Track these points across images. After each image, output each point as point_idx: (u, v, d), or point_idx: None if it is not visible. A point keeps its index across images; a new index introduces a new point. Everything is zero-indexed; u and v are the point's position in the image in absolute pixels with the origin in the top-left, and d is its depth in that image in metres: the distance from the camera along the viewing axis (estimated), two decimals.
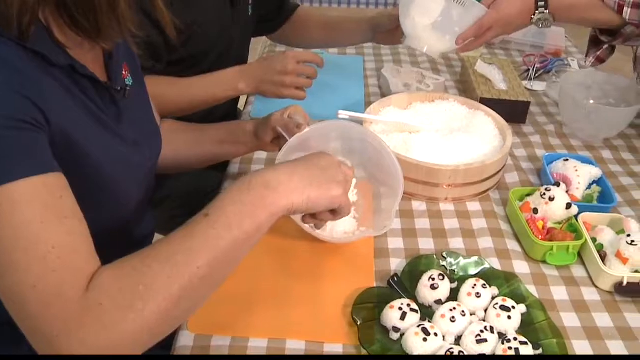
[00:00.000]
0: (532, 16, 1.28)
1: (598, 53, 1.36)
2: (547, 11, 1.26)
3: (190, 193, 1.50)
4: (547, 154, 1.31)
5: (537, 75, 1.77)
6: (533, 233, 1.08)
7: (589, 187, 1.24)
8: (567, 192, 1.19)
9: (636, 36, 1.23)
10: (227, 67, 1.33)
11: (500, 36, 1.36)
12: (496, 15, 1.29)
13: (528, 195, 1.19)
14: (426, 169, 1.17)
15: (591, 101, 1.49)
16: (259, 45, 2.06)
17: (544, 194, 1.14)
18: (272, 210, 0.77)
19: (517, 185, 1.28)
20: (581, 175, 1.23)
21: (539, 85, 1.72)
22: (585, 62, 1.40)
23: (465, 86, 1.62)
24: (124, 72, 0.94)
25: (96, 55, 0.88)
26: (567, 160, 1.27)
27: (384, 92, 1.59)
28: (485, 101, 1.45)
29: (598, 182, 1.25)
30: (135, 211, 0.99)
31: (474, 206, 1.22)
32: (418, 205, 1.21)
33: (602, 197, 1.23)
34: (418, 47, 1.37)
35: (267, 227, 0.77)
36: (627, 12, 1.19)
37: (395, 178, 1.03)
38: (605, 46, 1.34)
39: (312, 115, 1.13)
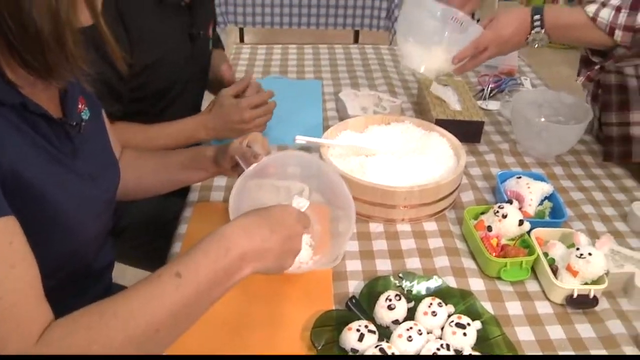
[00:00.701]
0: (528, 36, 1.32)
1: (588, 72, 1.40)
2: (543, 31, 1.30)
3: (151, 221, 1.50)
4: (500, 172, 1.34)
5: (491, 94, 1.82)
6: (487, 250, 1.11)
7: (541, 203, 1.28)
8: (520, 208, 1.22)
9: (627, 57, 1.27)
10: (188, 100, 1.36)
11: (497, 56, 1.40)
12: (492, 35, 1.33)
13: (482, 213, 1.21)
14: (382, 191, 1.20)
15: (542, 119, 1.53)
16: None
17: (497, 211, 1.17)
18: (241, 278, 0.78)
19: (473, 204, 1.31)
20: (533, 192, 1.27)
21: (493, 105, 1.76)
22: (576, 80, 1.45)
23: (422, 107, 1.65)
24: (80, 106, 0.94)
25: (51, 91, 0.89)
26: (520, 177, 1.31)
27: (342, 115, 1.62)
28: (440, 122, 1.48)
29: (550, 197, 1.29)
30: (93, 243, 0.99)
31: (430, 226, 1.24)
32: (375, 227, 1.23)
33: (553, 213, 1.27)
34: (415, 67, 1.41)
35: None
36: (618, 34, 1.23)
37: (349, 208, 1.05)
38: (595, 67, 1.38)
39: (271, 140, 1.15)
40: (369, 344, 0.92)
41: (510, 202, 1.20)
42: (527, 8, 1.32)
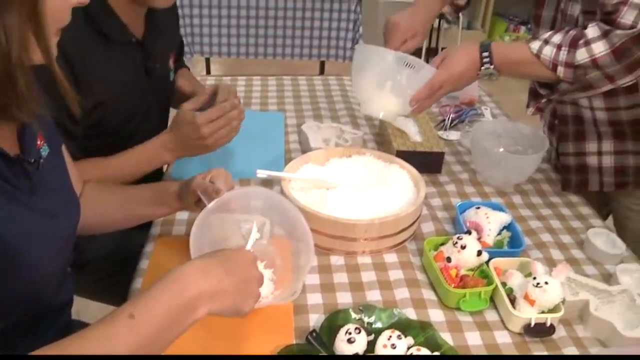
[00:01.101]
0: (479, 71, 1.36)
1: (537, 104, 1.45)
2: (492, 67, 1.34)
3: (113, 255, 1.49)
4: (460, 203, 1.36)
5: (452, 125, 1.85)
6: (446, 281, 1.13)
7: (500, 232, 1.30)
8: (479, 238, 1.24)
9: (571, 91, 1.32)
10: (151, 128, 1.35)
11: (452, 92, 1.44)
12: (446, 74, 1.37)
13: (442, 244, 1.23)
14: (342, 224, 1.21)
15: (501, 149, 1.57)
16: None
17: (456, 242, 1.18)
18: (196, 319, 0.78)
19: (433, 235, 1.33)
20: (492, 222, 1.29)
21: (453, 135, 1.79)
22: (527, 112, 1.50)
23: (383, 139, 1.67)
24: (38, 142, 0.94)
25: (9, 128, 0.88)
26: (479, 208, 1.33)
27: (304, 147, 1.64)
28: (401, 153, 1.50)
29: (508, 227, 1.31)
30: (52, 281, 0.98)
31: (391, 257, 1.25)
32: (336, 260, 1.24)
33: (512, 242, 1.29)
34: (373, 113, 1.45)
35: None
36: (560, 70, 1.27)
37: (308, 241, 1.06)
38: (543, 99, 1.43)
39: (234, 174, 1.16)
40: None
41: (469, 232, 1.21)
42: (476, 45, 1.37)
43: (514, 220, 1.32)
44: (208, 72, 3.96)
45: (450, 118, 1.86)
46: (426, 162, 1.54)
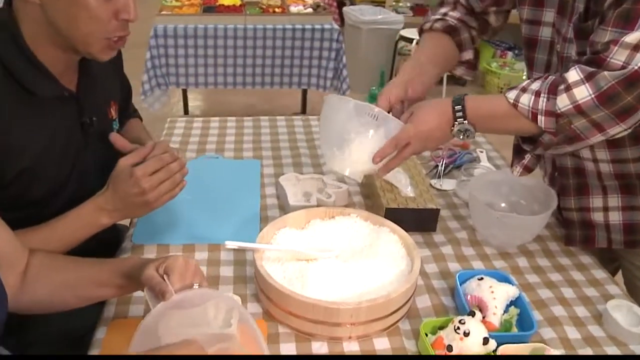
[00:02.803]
0: (452, 127, 1.18)
1: (524, 162, 1.26)
2: (467, 122, 1.17)
3: (61, 335, 1.30)
4: (460, 272, 1.19)
5: (446, 171, 1.68)
6: None
7: (507, 309, 1.13)
8: (483, 318, 1.08)
9: (555, 144, 1.14)
10: (93, 189, 1.17)
11: (423, 151, 1.26)
12: (413, 129, 1.19)
13: (441, 328, 1.06)
14: (324, 309, 1.03)
15: (502, 204, 1.40)
16: None
17: (458, 328, 1.01)
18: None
19: (429, 311, 1.16)
20: (497, 298, 1.12)
21: (448, 184, 1.62)
22: (512, 172, 1.30)
23: (370, 192, 1.50)
24: None
25: None
26: (482, 279, 1.16)
27: (282, 203, 1.46)
28: (391, 211, 1.34)
29: (516, 302, 1.14)
30: None
31: (381, 343, 1.08)
32: (318, 347, 1.06)
33: (521, 320, 1.12)
34: (339, 171, 1.26)
35: None
36: (541, 120, 1.10)
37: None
38: (528, 156, 1.25)
39: (202, 238, 1.14)
40: None
41: (472, 314, 1.04)
42: (449, 99, 1.20)
43: (522, 294, 1.15)
44: (185, 103, 3.78)
45: (443, 164, 1.69)
46: (419, 220, 1.38)
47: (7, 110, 1.06)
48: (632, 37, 1.00)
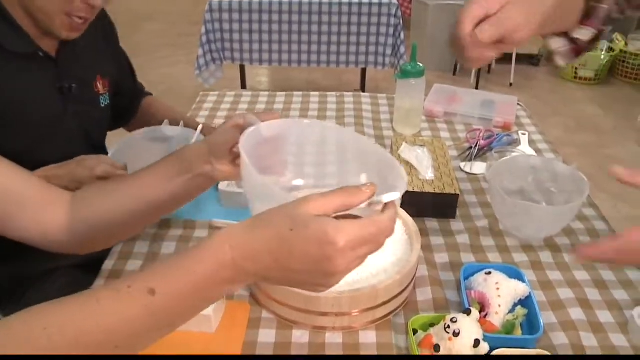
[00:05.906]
0: None
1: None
2: None
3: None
4: (466, 265, 1.08)
5: (479, 154, 1.56)
6: None
7: (513, 309, 1.01)
8: (485, 317, 0.97)
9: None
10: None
11: None
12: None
13: (432, 325, 0.96)
14: (305, 297, 0.94)
15: (530, 191, 1.27)
16: None
17: (448, 326, 0.91)
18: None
19: (429, 304, 1.06)
20: (502, 295, 1.00)
21: (478, 168, 1.50)
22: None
23: None
24: None
25: None
26: (490, 273, 1.05)
27: None
28: (405, 194, 1.23)
29: (525, 301, 1.03)
30: None
31: (367, 337, 0.98)
32: (299, 336, 0.98)
33: (527, 323, 1.00)
34: None
35: None
36: None
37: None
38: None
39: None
40: None
41: (468, 312, 0.94)
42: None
43: (533, 293, 1.03)
44: (243, 79, 3.74)
45: (477, 146, 1.56)
46: (437, 205, 1.27)
47: None
48: None
